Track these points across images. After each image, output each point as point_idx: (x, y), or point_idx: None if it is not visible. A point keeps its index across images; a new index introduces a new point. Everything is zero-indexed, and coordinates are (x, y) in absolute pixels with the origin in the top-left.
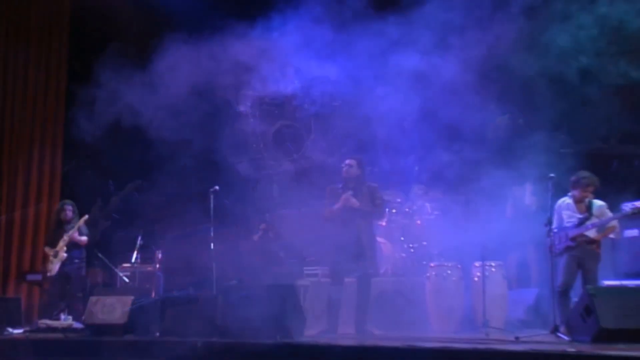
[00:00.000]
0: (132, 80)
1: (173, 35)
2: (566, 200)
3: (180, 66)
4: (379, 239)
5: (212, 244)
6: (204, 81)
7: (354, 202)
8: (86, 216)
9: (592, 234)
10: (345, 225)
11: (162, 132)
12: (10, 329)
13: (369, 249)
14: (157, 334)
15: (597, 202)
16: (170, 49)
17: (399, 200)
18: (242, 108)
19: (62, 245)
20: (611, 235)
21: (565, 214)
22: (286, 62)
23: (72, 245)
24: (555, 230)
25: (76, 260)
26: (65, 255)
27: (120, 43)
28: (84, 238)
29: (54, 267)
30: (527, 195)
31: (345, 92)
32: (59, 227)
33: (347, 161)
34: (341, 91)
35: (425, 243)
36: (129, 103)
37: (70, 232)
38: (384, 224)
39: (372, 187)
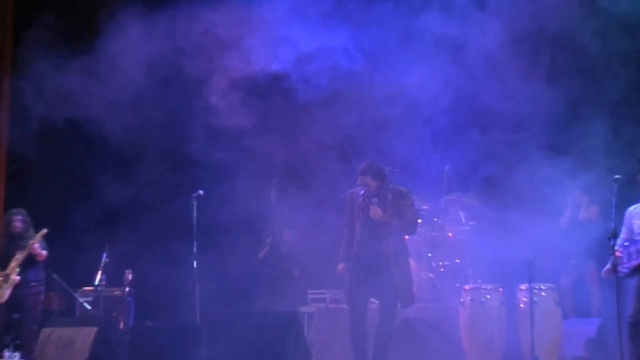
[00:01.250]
0: (71, 66)
1: (126, 5)
2: (638, 207)
3: (134, 45)
4: None
5: (194, 262)
6: (166, 64)
7: (379, 213)
8: (44, 230)
9: None
10: (366, 240)
11: (112, 130)
12: None
13: (399, 269)
14: None
15: None
16: (123, 23)
17: (425, 207)
18: (214, 98)
19: (14, 265)
20: None
21: (636, 224)
22: (273, 33)
23: (27, 265)
24: (624, 244)
25: (33, 284)
26: (18, 278)
27: (54, 16)
28: (44, 252)
29: (4, 293)
30: (585, 203)
31: (352, 71)
32: (9, 243)
33: (359, 178)
34: (346, 69)
35: (458, 261)
36: (69, 95)
37: (30, 244)
38: (407, 237)
39: (400, 192)
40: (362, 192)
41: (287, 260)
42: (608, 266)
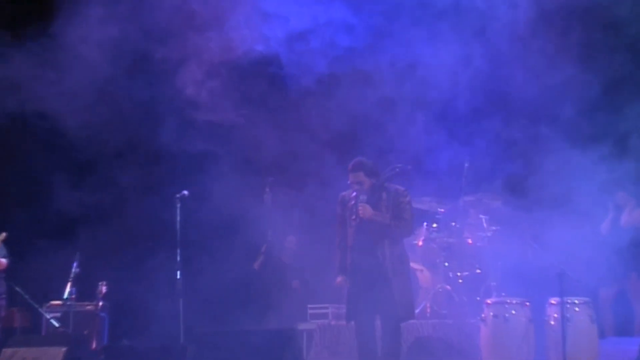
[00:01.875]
0: (19, 53)
1: None
2: None
3: (94, 28)
4: (413, 265)
5: (178, 273)
6: (132, 49)
7: (369, 211)
8: (4, 234)
9: None
10: (360, 246)
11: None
12: None
13: (398, 279)
14: None
15: None
16: (79, 2)
17: (441, 210)
18: (190, 88)
19: None
20: None
21: None
22: (258, 8)
23: None
24: None
25: None
26: None
27: None
28: (3, 260)
29: None
30: (628, 206)
31: (353, 50)
32: None
33: (350, 176)
34: (346, 48)
35: (479, 271)
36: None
37: None
38: (420, 243)
39: (396, 190)
40: (354, 193)
41: (288, 270)
42: None
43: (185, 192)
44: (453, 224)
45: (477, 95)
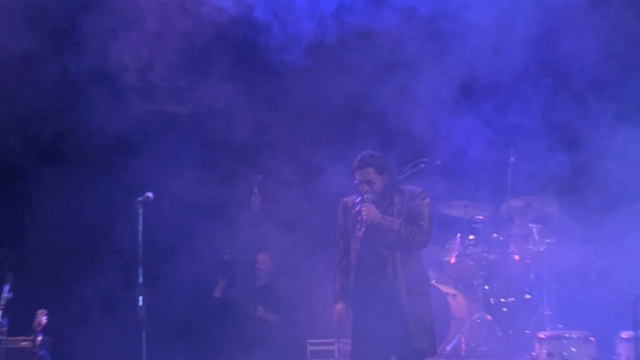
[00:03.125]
0: None
1: None
2: None
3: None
4: (443, 288)
5: (140, 299)
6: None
7: (374, 213)
8: None
9: None
10: (366, 264)
11: None
12: None
13: (414, 305)
14: None
15: None
16: None
17: (480, 217)
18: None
19: None
20: None
21: None
22: None
23: None
24: None
25: None
26: None
27: None
28: None
29: None
30: None
31: (357, 8)
32: None
33: (357, 175)
34: (347, 5)
35: (529, 296)
36: None
37: None
38: (452, 260)
39: (411, 192)
40: (358, 198)
41: (260, 296)
42: None
43: (150, 195)
44: (495, 235)
45: (527, 68)
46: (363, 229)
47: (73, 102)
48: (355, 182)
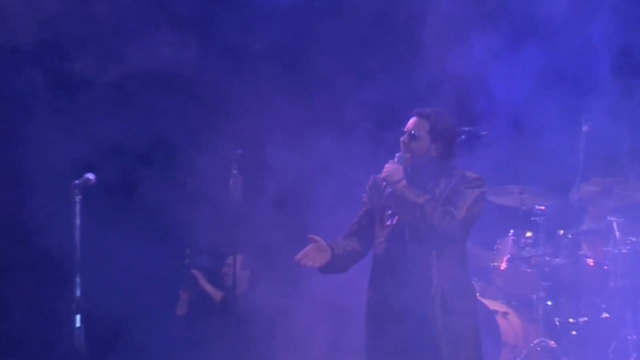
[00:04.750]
0: None
1: None
2: None
3: None
4: (490, 303)
5: (77, 318)
6: None
7: (397, 175)
8: None
9: None
10: (390, 264)
11: None
12: None
13: (452, 328)
14: None
15: None
16: None
17: (541, 208)
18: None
19: None
20: None
21: None
22: None
23: None
24: None
25: None
26: None
27: None
28: None
29: None
30: None
31: None
32: None
33: (410, 125)
34: None
35: (607, 315)
36: None
37: None
38: (503, 266)
39: (463, 176)
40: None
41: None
42: None
43: (90, 176)
44: (561, 232)
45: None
46: (395, 218)
47: None
48: (404, 133)
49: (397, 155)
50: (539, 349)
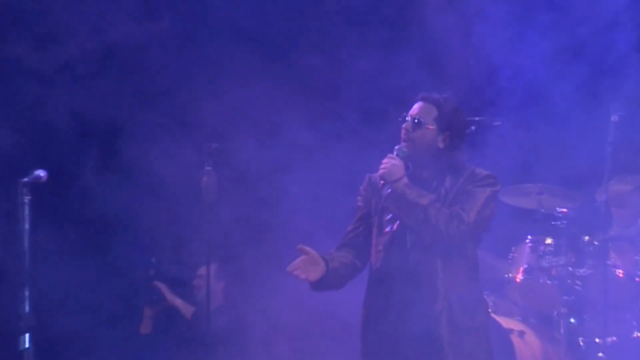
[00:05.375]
0: None
1: None
2: None
3: None
4: (505, 321)
5: (25, 338)
6: None
7: (397, 172)
8: None
9: None
10: (390, 277)
11: None
12: None
13: (462, 348)
14: None
15: None
16: None
17: (562, 210)
18: None
19: None
20: None
21: None
22: None
23: None
24: None
25: None
26: None
27: None
28: None
29: None
30: None
31: None
32: None
33: (414, 108)
34: None
35: (639, 334)
36: None
37: None
38: (519, 277)
39: (473, 173)
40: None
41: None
42: None
43: (41, 173)
44: (586, 238)
45: None
46: (396, 223)
47: None
48: (401, 122)
49: (396, 148)
50: None
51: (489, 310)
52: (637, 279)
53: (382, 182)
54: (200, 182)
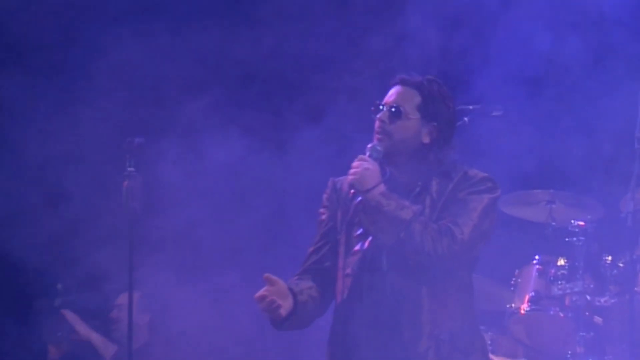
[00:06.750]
0: None
1: None
2: None
3: None
4: None
5: None
6: None
7: (371, 179)
8: None
9: None
10: (360, 301)
11: None
12: None
13: None
14: None
15: None
16: None
17: (579, 223)
18: None
19: None
20: None
21: None
22: None
23: None
24: None
25: None
26: None
27: None
28: None
29: None
30: None
31: None
32: None
33: (390, 94)
34: None
35: None
36: None
37: None
38: (524, 308)
39: (465, 175)
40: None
41: None
42: None
43: None
44: (608, 258)
45: None
46: (367, 241)
47: None
48: (374, 111)
49: (368, 147)
50: None
51: (487, 349)
52: None
53: (351, 190)
54: (120, 187)
